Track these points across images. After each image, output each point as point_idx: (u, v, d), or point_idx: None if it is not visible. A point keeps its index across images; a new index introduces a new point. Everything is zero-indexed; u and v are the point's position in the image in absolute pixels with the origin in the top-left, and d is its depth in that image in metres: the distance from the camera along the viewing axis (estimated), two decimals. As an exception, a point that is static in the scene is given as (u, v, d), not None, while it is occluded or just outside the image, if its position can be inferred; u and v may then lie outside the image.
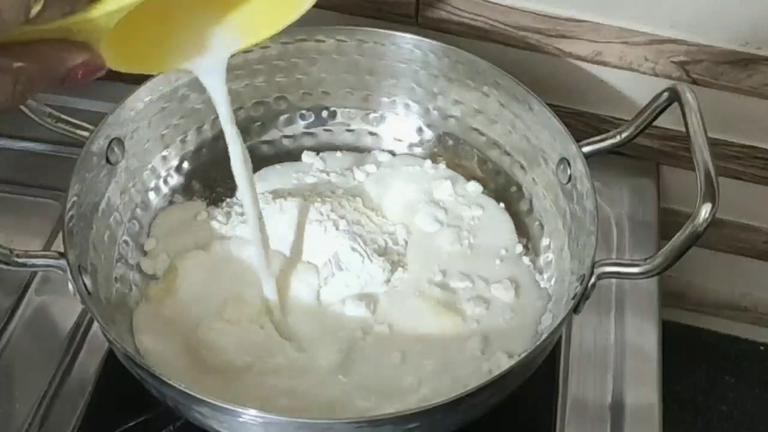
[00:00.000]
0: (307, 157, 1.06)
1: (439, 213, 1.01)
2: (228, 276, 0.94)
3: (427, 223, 1.00)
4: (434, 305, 0.93)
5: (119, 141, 0.93)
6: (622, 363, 0.97)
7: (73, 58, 0.61)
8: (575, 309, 0.82)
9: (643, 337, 1.00)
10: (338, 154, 1.07)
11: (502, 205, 1.03)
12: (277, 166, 1.06)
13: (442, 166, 1.06)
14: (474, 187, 1.04)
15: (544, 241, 0.98)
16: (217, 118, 1.01)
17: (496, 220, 1.02)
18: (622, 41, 1.04)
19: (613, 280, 1.02)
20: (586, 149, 0.90)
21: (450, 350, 0.91)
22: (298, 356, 0.88)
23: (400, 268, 0.96)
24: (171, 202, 1.01)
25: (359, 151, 1.08)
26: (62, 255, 0.81)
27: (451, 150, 1.06)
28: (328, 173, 1.04)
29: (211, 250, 0.96)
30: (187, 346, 0.89)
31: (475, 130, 1.03)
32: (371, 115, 1.07)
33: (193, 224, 0.99)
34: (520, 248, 0.99)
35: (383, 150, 1.08)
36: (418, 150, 1.07)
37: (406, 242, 0.99)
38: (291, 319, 0.91)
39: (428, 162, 1.06)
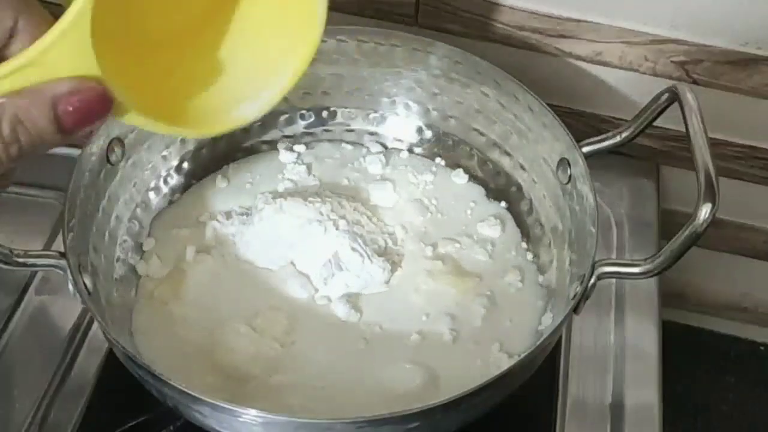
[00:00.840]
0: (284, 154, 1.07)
1: (389, 185, 1.04)
2: (237, 279, 0.94)
3: (383, 198, 1.02)
4: (447, 278, 0.95)
5: (119, 141, 0.93)
6: (622, 363, 0.98)
7: (57, 86, 0.58)
8: (575, 309, 0.82)
9: (643, 337, 1.00)
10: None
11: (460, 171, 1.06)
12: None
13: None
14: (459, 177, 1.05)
15: (545, 241, 0.98)
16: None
17: (448, 178, 1.06)
18: (623, 41, 1.04)
19: (613, 280, 1.02)
20: (586, 149, 0.90)
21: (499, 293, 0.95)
22: (307, 373, 0.89)
23: (399, 268, 0.96)
24: (171, 202, 1.01)
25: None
26: (62, 255, 0.81)
27: (451, 150, 1.06)
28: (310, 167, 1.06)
29: (217, 252, 0.96)
30: (194, 346, 0.89)
31: (475, 130, 1.03)
32: (371, 115, 1.07)
33: (194, 224, 0.99)
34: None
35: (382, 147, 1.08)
36: (418, 150, 1.07)
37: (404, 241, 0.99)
38: (296, 323, 0.92)
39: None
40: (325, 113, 1.07)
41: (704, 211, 0.75)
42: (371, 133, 1.08)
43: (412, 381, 0.88)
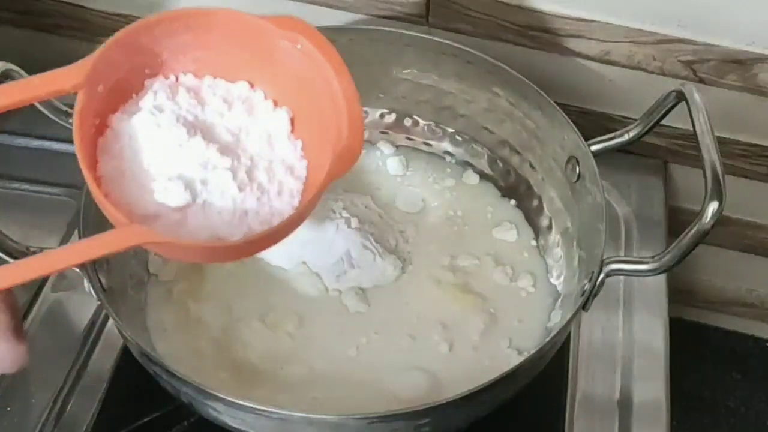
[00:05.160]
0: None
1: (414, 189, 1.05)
2: (251, 278, 0.95)
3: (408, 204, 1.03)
4: (452, 292, 0.95)
5: (134, 138, 0.94)
6: (630, 359, 0.98)
7: None
8: (584, 306, 0.83)
9: (651, 334, 1.00)
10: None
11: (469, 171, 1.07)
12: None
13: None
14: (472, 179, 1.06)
15: (554, 239, 0.98)
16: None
17: (463, 180, 1.06)
18: (631, 41, 1.05)
19: (621, 278, 1.02)
20: (594, 148, 0.90)
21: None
22: (317, 366, 0.90)
23: (410, 266, 0.97)
24: (184, 200, 1.02)
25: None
26: (78, 252, 0.82)
27: (461, 149, 1.07)
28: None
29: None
30: (208, 342, 0.90)
31: (486, 129, 1.04)
32: (383, 114, 1.08)
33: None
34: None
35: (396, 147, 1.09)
36: (429, 149, 1.08)
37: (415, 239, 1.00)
38: (308, 320, 0.93)
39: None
40: (337, 112, 1.08)
41: (711, 209, 0.76)
42: (383, 132, 1.08)
43: (420, 384, 0.89)
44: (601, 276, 0.82)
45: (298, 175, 0.75)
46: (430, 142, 1.08)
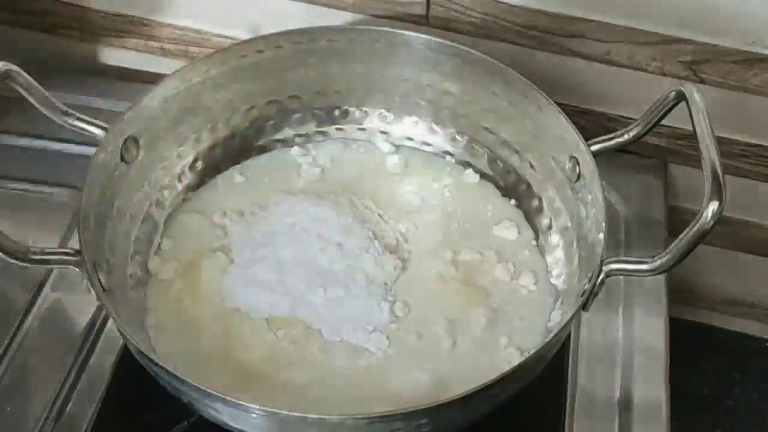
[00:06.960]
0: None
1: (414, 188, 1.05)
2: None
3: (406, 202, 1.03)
4: (455, 286, 0.96)
5: (134, 139, 0.94)
6: (630, 359, 0.98)
7: None
8: (584, 306, 0.83)
9: (651, 334, 1.00)
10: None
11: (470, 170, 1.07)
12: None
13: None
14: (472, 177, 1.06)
15: (554, 239, 0.98)
16: (230, 117, 1.03)
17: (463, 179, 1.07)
18: (631, 41, 1.05)
19: (621, 278, 1.02)
20: (594, 148, 0.90)
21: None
22: (319, 363, 0.90)
23: (411, 264, 0.97)
24: (185, 200, 1.02)
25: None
26: (78, 252, 0.82)
27: (461, 148, 1.07)
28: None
29: (230, 250, 0.97)
30: (209, 343, 0.90)
31: (486, 129, 1.04)
32: (383, 114, 1.08)
33: (207, 222, 1.00)
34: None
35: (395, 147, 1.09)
36: (429, 148, 1.08)
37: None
38: (307, 321, 0.92)
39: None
40: (337, 112, 1.08)
41: (711, 209, 0.76)
42: (383, 132, 1.08)
43: (423, 383, 0.89)
44: (601, 276, 0.82)
45: None
46: (430, 141, 1.08)
